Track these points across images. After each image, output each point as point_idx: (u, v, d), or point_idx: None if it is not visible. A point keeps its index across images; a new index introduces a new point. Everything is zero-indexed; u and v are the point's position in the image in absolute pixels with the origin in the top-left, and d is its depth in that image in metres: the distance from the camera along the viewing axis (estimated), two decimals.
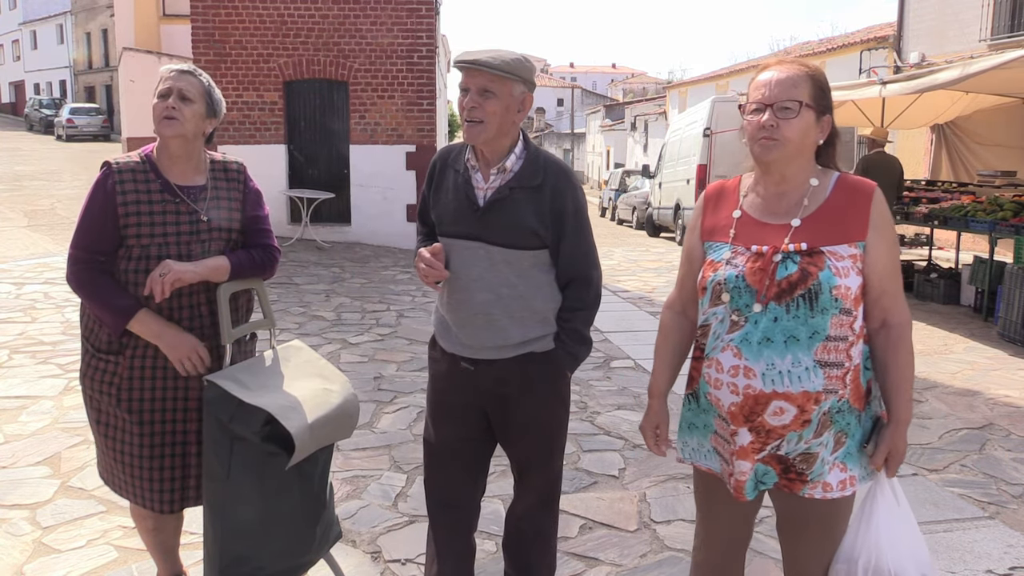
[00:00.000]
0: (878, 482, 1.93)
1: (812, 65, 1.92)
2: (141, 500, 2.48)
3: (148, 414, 2.42)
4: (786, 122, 1.83)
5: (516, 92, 2.24)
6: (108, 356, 2.42)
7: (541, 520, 2.55)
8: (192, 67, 2.49)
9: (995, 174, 9.78)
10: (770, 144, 1.85)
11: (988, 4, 13.01)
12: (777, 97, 1.84)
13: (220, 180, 2.53)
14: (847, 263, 1.83)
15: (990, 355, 6.54)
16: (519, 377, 2.35)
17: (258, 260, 2.55)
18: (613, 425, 4.60)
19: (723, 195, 2.04)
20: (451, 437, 2.48)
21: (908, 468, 4.09)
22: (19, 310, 7.12)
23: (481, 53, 2.23)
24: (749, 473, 1.90)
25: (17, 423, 4.43)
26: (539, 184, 2.28)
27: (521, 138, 2.35)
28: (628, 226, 21.77)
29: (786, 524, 2.02)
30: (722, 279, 1.89)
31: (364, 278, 9.34)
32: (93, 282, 2.35)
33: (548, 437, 2.46)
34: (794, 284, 1.81)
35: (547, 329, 2.36)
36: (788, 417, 1.82)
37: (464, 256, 2.32)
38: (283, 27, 11.72)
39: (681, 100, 29.03)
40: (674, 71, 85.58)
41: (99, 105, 37.97)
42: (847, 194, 1.89)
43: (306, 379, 2.53)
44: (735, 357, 1.85)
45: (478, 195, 2.31)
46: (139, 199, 2.37)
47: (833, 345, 1.82)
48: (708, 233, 2.01)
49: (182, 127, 2.39)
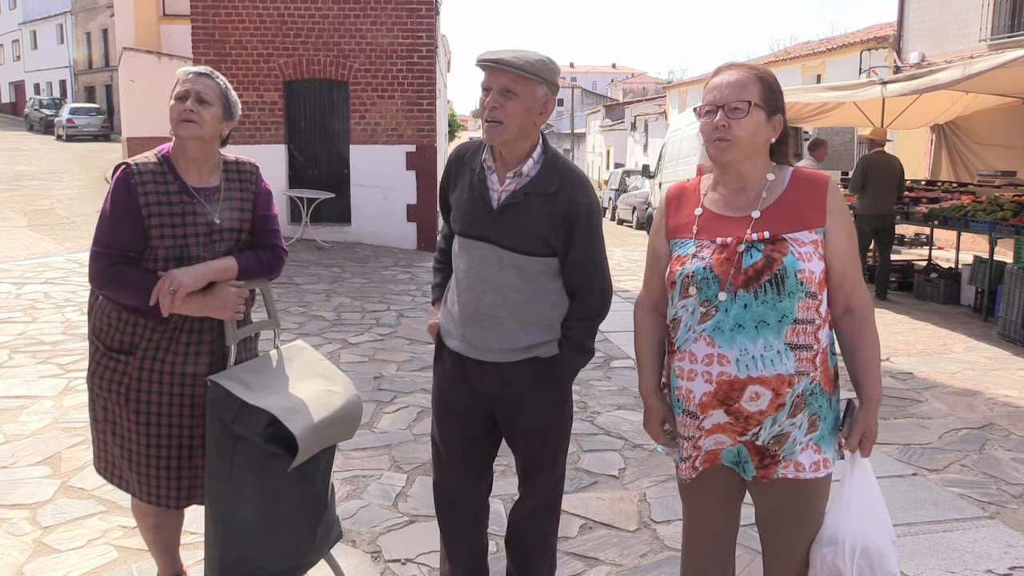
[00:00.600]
0: (855, 464, 1.99)
1: (762, 67, 2.01)
2: (146, 496, 2.48)
3: (155, 416, 2.42)
4: (737, 122, 1.92)
5: (539, 94, 2.22)
6: (119, 355, 2.42)
7: (542, 521, 2.56)
8: (209, 69, 2.50)
9: (995, 174, 9.78)
10: (724, 145, 1.94)
11: (988, 4, 13.01)
12: (727, 99, 1.93)
13: (233, 181, 2.55)
14: (809, 248, 1.91)
15: (990, 355, 6.54)
16: (523, 380, 2.35)
17: (265, 261, 2.56)
18: (613, 425, 4.61)
19: (684, 195, 2.11)
20: (456, 436, 2.48)
21: (908, 468, 4.09)
22: (19, 310, 7.12)
23: (504, 52, 2.19)
24: (728, 445, 1.96)
25: (17, 423, 4.43)
26: (554, 192, 2.26)
27: (541, 143, 2.32)
28: (628, 226, 21.77)
29: (763, 512, 2.07)
30: (690, 272, 1.95)
31: (364, 278, 9.34)
32: (121, 275, 2.33)
33: (552, 441, 2.46)
34: (760, 271, 1.88)
35: (552, 335, 2.35)
36: (764, 402, 1.88)
37: (474, 257, 2.31)
38: (283, 27, 11.72)
39: (681, 100, 29.04)
40: (674, 71, 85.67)
41: (99, 105, 37.96)
42: (803, 186, 1.99)
43: (309, 380, 2.53)
44: (708, 346, 1.91)
45: (492, 197, 2.29)
46: (159, 200, 2.38)
47: (801, 328, 1.90)
48: (672, 231, 2.07)
49: (200, 129, 2.41)
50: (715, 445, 1.98)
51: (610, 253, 13.50)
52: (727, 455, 1.99)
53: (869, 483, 1.99)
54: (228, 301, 2.42)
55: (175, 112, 2.40)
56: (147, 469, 2.45)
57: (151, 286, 2.32)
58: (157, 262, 2.38)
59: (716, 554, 2.16)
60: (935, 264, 10.01)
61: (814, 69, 19.25)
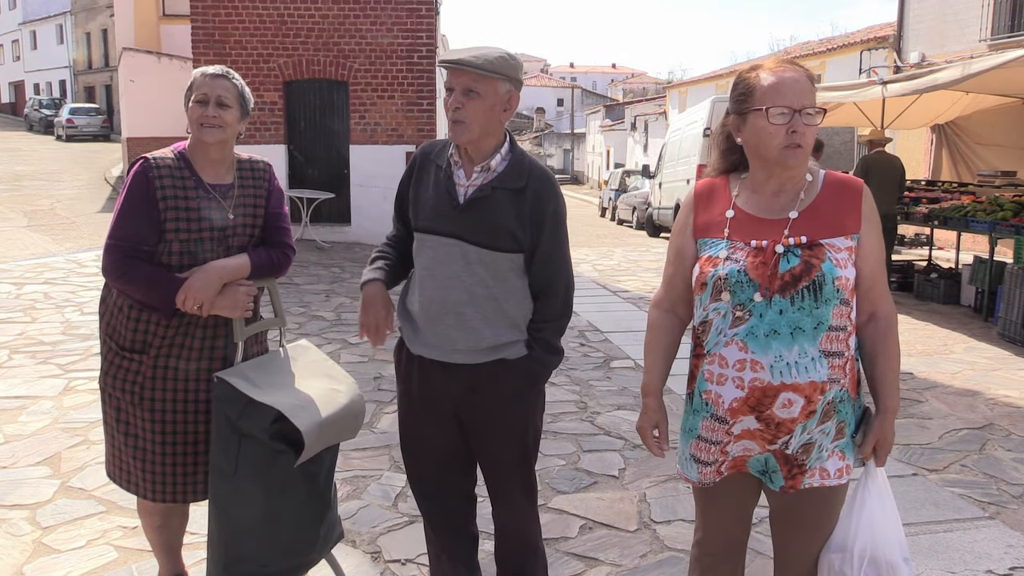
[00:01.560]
0: (869, 472, 1.96)
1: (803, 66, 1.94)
2: (159, 495, 2.49)
3: (170, 414, 2.44)
4: (810, 128, 1.84)
5: (501, 91, 2.21)
6: (132, 355, 2.43)
7: (525, 527, 2.50)
8: (224, 70, 2.52)
9: (995, 174, 9.78)
10: (799, 152, 1.85)
11: (988, 4, 13.01)
12: (803, 103, 1.84)
13: (247, 179, 2.57)
14: (844, 255, 1.87)
15: (990, 355, 6.54)
16: (491, 384, 2.31)
17: (276, 260, 2.58)
18: (613, 425, 4.60)
19: (714, 193, 2.03)
20: (423, 435, 2.44)
21: (908, 468, 4.09)
22: (19, 310, 7.12)
23: (464, 52, 2.19)
24: (756, 453, 1.92)
25: (17, 423, 4.42)
26: (522, 187, 2.25)
27: (507, 139, 2.32)
28: (628, 226, 21.76)
29: (780, 516, 2.04)
30: (723, 274, 1.89)
31: None
32: (134, 269, 2.33)
33: (524, 446, 2.41)
34: (798, 276, 1.84)
35: (517, 335, 2.32)
36: (796, 409, 1.84)
37: (440, 253, 2.28)
38: (283, 27, 11.73)
39: (681, 100, 29.05)
40: (674, 71, 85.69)
41: (99, 105, 37.97)
42: (837, 189, 1.94)
43: (314, 378, 2.54)
44: (740, 351, 1.86)
45: (459, 192, 2.28)
46: (176, 194, 2.40)
47: (835, 335, 1.86)
48: (702, 230, 1.99)
49: (224, 133, 2.44)
50: (743, 452, 1.93)
51: (610, 253, 13.47)
52: (754, 463, 1.95)
53: (883, 494, 1.95)
54: (238, 300, 2.44)
55: (195, 115, 2.42)
56: (161, 467, 2.46)
57: (163, 282, 2.33)
58: (171, 256, 2.39)
59: (727, 558, 2.14)
60: (935, 264, 10.01)
61: (814, 69, 19.06)
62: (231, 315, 2.43)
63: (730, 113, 1.97)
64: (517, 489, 2.46)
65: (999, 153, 10.83)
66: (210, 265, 2.40)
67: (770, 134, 1.85)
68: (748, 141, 1.92)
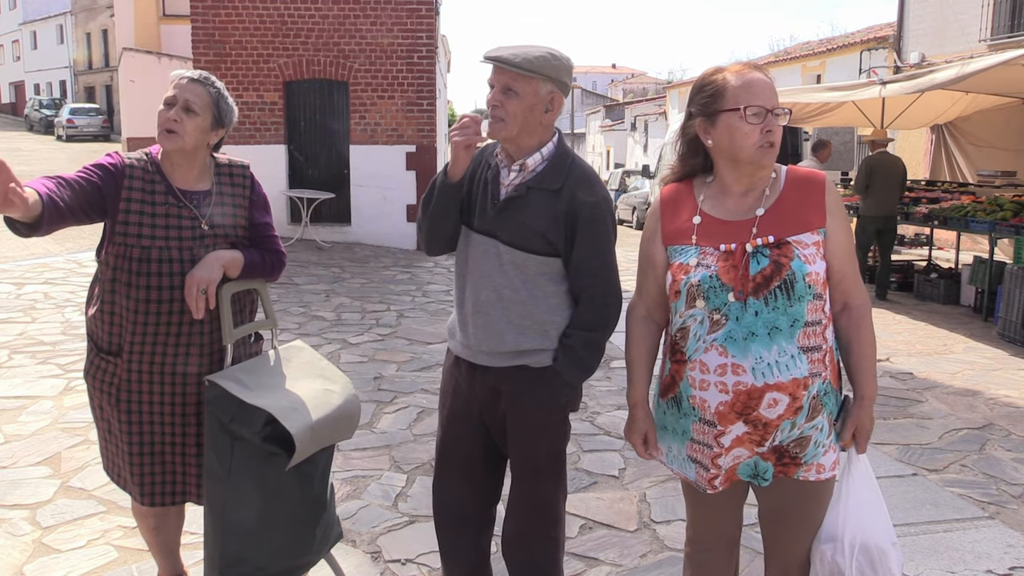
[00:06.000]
0: (852, 460, 1.99)
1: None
2: (140, 497, 2.48)
3: (147, 415, 2.41)
4: (779, 127, 1.88)
5: (542, 91, 2.17)
6: (108, 356, 2.42)
7: (544, 546, 2.44)
8: (203, 75, 2.42)
9: (995, 174, 9.78)
10: (771, 151, 1.89)
11: (988, 4, 13.01)
12: (773, 103, 1.88)
13: (225, 185, 2.51)
14: (812, 250, 1.90)
15: (990, 355, 6.54)
16: (511, 390, 2.28)
17: (268, 262, 2.56)
18: (613, 425, 4.60)
19: (679, 199, 2.03)
20: (453, 441, 2.43)
21: (908, 468, 4.09)
22: (19, 310, 7.12)
23: (505, 49, 2.16)
24: (745, 459, 1.94)
25: (17, 423, 4.43)
26: (558, 188, 2.21)
27: (555, 140, 2.27)
28: (628, 226, 21.75)
29: (770, 511, 2.06)
30: (695, 281, 1.91)
31: (364, 278, 9.34)
32: (39, 182, 2.25)
33: (534, 460, 2.35)
34: (769, 277, 1.86)
35: (546, 343, 2.26)
36: (782, 407, 1.87)
37: (477, 251, 2.28)
38: (283, 27, 11.72)
39: (681, 100, 29.02)
40: (674, 71, 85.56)
41: (99, 105, 37.96)
42: (800, 186, 1.96)
43: (307, 380, 2.52)
44: (720, 356, 1.88)
45: (501, 191, 2.26)
46: (143, 199, 2.36)
47: (811, 330, 1.89)
48: (671, 237, 2.01)
49: (181, 141, 2.34)
50: (734, 461, 1.95)
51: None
52: (744, 470, 1.97)
53: (868, 481, 1.99)
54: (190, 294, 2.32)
55: (160, 119, 2.34)
56: (139, 468, 2.44)
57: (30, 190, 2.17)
58: (131, 261, 2.32)
59: (720, 554, 2.16)
60: (935, 264, 10.01)
61: (814, 69, 19.25)
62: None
63: (694, 116, 1.97)
64: (526, 506, 2.40)
65: (999, 153, 10.82)
66: (207, 257, 2.37)
67: (745, 134, 1.86)
68: (720, 142, 1.92)
